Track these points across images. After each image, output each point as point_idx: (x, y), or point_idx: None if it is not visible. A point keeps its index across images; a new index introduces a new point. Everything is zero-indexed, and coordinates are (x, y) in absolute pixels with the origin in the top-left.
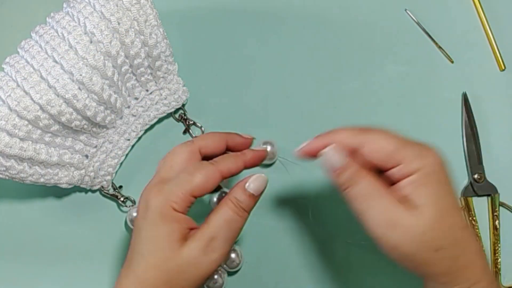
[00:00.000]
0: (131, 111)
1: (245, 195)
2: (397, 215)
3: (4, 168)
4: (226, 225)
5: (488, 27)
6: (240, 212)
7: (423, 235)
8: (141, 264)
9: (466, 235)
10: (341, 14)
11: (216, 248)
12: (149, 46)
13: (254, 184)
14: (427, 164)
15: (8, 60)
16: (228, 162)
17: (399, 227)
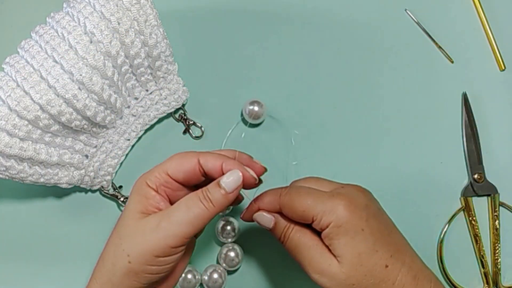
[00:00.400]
0: (131, 111)
1: (217, 190)
2: (324, 265)
3: (4, 168)
4: (185, 209)
5: (488, 27)
6: (206, 203)
7: (347, 280)
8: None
9: (391, 271)
10: (341, 14)
11: (166, 228)
12: (149, 46)
13: (228, 180)
14: (335, 219)
15: (8, 60)
16: (210, 154)
17: (327, 275)
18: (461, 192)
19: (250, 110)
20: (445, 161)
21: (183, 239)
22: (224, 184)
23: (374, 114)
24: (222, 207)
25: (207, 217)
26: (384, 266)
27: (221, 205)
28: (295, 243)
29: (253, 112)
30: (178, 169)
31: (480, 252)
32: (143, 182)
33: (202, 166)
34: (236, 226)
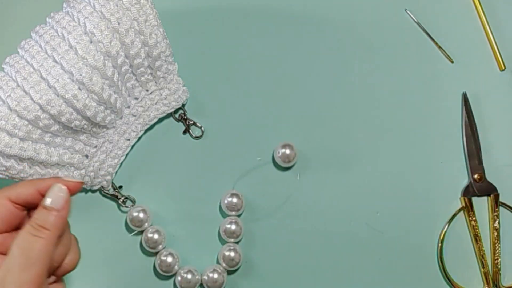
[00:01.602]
0: (131, 111)
1: (45, 212)
2: None
3: (4, 168)
4: (22, 254)
5: (488, 27)
6: (41, 233)
7: None
8: None
9: None
10: (341, 14)
11: (14, 280)
12: (149, 46)
13: (50, 197)
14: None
15: (8, 60)
16: (19, 186)
17: None
18: (461, 192)
19: (283, 153)
20: (445, 161)
21: (39, 280)
22: (50, 203)
23: (374, 114)
24: (61, 229)
25: (51, 246)
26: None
27: (58, 226)
28: None
29: (285, 155)
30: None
31: (480, 252)
32: None
33: (17, 202)
34: (242, 227)
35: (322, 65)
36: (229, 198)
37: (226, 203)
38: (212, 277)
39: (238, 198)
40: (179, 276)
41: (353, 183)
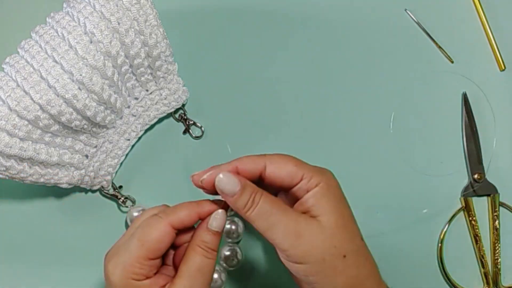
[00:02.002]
0: (131, 111)
1: (210, 235)
2: (301, 225)
3: (4, 168)
4: (199, 273)
5: (488, 27)
6: (210, 254)
7: (327, 241)
8: None
9: (365, 246)
10: (341, 14)
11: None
12: (149, 46)
13: (216, 222)
14: (326, 179)
15: (8, 60)
16: (180, 214)
17: (305, 236)
18: (461, 192)
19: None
20: (445, 161)
21: None
22: (217, 229)
23: (374, 114)
24: (218, 246)
25: (215, 263)
26: (360, 238)
27: (217, 245)
28: (265, 208)
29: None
30: (158, 251)
31: (480, 252)
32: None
33: (177, 227)
34: (240, 227)
35: (322, 65)
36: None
37: None
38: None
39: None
40: None
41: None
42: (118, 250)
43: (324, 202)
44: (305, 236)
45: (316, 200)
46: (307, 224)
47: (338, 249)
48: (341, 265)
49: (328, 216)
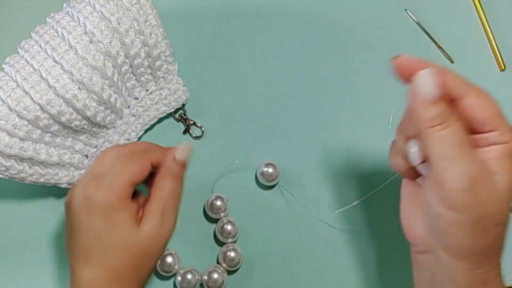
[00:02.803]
0: (131, 111)
1: (178, 165)
2: (482, 174)
3: (4, 168)
4: (171, 195)
5: (488, 27)
6: (178, 181)
7: (497, 204)
8: (106, 255)
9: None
10: (341, 14)
11: (169, 218)
12: (149, 46)
13: (182, 154)
14: None
15: (8, 60)
16: (158, 154)
17: (479, 187)
18: None
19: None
20: None
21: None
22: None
23: (373, 113)
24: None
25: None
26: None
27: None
28: (459, 136)
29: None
30: (140, 178)
31: None
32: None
33: (154, 164)
34: (236, 226)
35: (322, 65)
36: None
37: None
38: (212, 277)
39: (222, 201)
40: (179, 276)
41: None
42: (96, 176)
43: (507, 161)
44: (480, 187)
45: (502, 156)
46: (487, 175)
47: (499, 215)
48: (492, 231)
49: (507, 179)
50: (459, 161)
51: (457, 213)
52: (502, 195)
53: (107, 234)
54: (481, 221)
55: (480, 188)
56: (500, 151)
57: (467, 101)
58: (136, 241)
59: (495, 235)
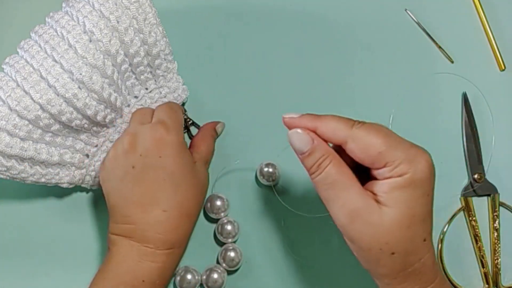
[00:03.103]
0: (131, 110)
1: (215, 133)
2: (361, 208)
3: (5, 168)
4: (209, 151)
5: (488, 27)
6: (213, 143)
7: (381, 236)
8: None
9: (425, 247)
10: (341, 14)
11: (206, 164)
12: (149, 44)
13: (221, 128)
14: (414, 170)
15: (8, 60)
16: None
17: (359, 221)
18: (461, 192)
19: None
20: (445, 161)
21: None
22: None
23: (373, 113)
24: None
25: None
26: (423, 239)
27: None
28: (330, 179)
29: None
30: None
31: (480, 252)
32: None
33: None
34: (236, 226)
35: (322, 65)
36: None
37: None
38: (212, 277)
39: (222, 201)
40: (179, 276)
41: None
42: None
43: (397, 195)
44: (360, 221)
45: (390, 189)
46: (368, 209)
47: (389, 245)
48: (385, 260)
49: (395, 211)
50: (336, 200)
51: (350, 243)
52: (384, 227)
53: (180, 172)
54: (371, 251)
55: (360, 222)
56: (389, 185)
57: (348, 146)
58: (201, 178)
59: (394, 263)
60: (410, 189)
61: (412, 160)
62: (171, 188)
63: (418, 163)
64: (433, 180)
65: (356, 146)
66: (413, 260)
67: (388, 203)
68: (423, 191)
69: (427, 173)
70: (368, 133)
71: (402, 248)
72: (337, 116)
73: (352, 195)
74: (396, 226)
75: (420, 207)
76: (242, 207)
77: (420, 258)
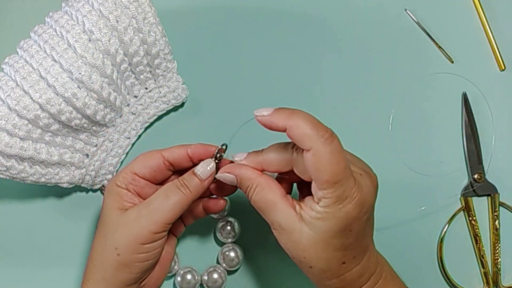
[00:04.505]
0: (131, 109)
1: (193, 177)
2: (285, 227)
3: (4, 168)
4: (164, 197)
5: (488, 27)
6: (182, 188)
7: (303, 252)
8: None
9: (344, 268)
10: (341, 14)
11: (147, 216)
12: (148, 44)
13: (201, 167)
14: (340, 209)
15: (7, 60)
16: (173, 147)
17: (285, 237)
18: (461, 192)
19: None
20: (445, 161)
21: (164, 225)
22: (199, 173)
23: (373, 113)
24: (198, 193)
25: (185, 203)
26: (342, 262)
27: (197, 191)
28: (257, 205)
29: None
30: (143, 167)
31: (480, 252)
32: (113, 184)
33: (167, 159)
34: (236, 226)
35: (322, 64)
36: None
37: None
38: (212, 277)
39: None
40: (179, 276)
41: None
42: None
43: (318, 224)
44: (284, 236)
45: (314, 215)
46: (289, 228)
47: (307, 260)
48: (307, 270)
49: (313, 235)
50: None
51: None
52: (302, 245)
53: (101, 217)
54: (295, 260)
55: (284, 237)
56: (316, 212)
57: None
58: (109, 220)
59: (314, 275)
60: (331, 222)
61: (342, 198)
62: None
63: (347, 203)
64: (360, 216)
65: (299, 172)
66: (330, 276)
67: (308, 226)
68: (346, 228)
69: (353, 213)
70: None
71: (317, 265)
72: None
73: (277, 217)
74: (312, 247)
75: (339, 240)
76: (242, 207)
77: (338, 275)
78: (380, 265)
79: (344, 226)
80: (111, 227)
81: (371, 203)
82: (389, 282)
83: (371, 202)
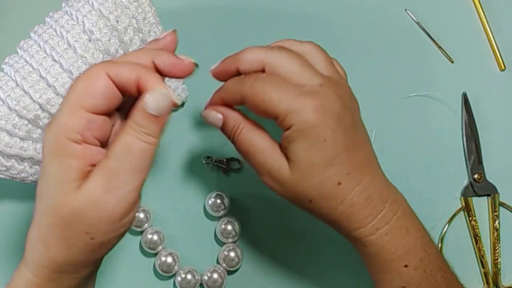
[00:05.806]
0: None
1: (145, 117)
2: (275, 167)
3: (5, 168)
4: (128, 155)
5: (488, 27)
6: (143, 137)
7: (295, 188)
8: (37, 211)
9: (342, 189)
10: (341, 14)
11: (121, 184)
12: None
13: (152, 101)
14: (298, 122)
15: (7, 60)
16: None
17: (276, 178)
18: (461, 192)
19: None
20: (445, 161)
21: (139, 188)
22: (153, 111)
23: (373, 113)
24: (162, 132)
25: (152, 152)
26: (337, 183)
27: (160, 132)
28: (244, 145)
29: None
30: (94, 98)
31: (480, 252)
32: (61, 139)
33: (115, 81)
34: (236, 226)
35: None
36: (213, 199)
37: (210, 203)
38: (212, 277)
39: (222, 201)
40: (179, 276)
41: None
42: None
43: (293, 148)
44: (272, 179)
45: (287, 143)
46: (277, 168)
47: (303, 195)
48: (308, 207)
49: (296, 164)
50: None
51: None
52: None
53: (42, 185)
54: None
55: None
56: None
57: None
58: (65, 202)
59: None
60: (302, 139)
61: (296, 111)
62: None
63: (301, 113)
64: (324, 125)
65: (248, 105)
66: (334, 204)
67: (289, 157)
68: (316, 138)
69: (313, 119)
70: (254, 90)
71: (316, 195)
72: (234, 78)
73: (265, 158)
74: (301, 177)
75: (319, 154)
76: (242, 207)
77: (341, 201)
78: (393, 194)
79: (315, 137)
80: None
81: (337, 109)
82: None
83: (337, 108)
